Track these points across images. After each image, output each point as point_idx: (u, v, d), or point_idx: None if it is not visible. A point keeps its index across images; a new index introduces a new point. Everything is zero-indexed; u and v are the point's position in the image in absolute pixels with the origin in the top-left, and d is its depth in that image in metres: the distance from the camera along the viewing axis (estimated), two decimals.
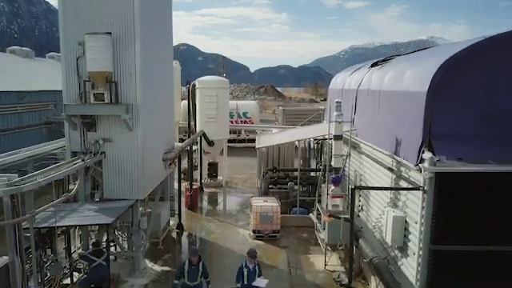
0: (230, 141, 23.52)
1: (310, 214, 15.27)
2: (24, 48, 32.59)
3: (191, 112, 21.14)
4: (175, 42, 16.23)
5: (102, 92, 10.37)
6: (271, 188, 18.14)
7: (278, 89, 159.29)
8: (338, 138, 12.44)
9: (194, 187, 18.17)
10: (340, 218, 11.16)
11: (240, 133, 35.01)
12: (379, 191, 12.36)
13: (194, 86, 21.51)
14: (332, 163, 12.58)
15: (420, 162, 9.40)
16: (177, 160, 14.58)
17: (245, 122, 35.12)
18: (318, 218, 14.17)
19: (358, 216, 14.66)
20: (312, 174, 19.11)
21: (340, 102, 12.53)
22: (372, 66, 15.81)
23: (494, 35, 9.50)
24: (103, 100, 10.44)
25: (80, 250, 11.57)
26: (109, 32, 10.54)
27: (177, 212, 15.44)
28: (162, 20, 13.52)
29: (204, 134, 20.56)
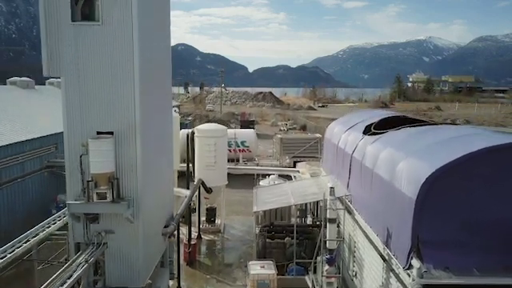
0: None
1: (306, 278, 15.74)
2: (24, 78, 33.33)
3: (190, 159, 21.63)
4: (173, 43, 16.57)
5: (105, 191, 10.77)
6: (268, 239, 18.63)
7: (277, 90, 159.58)
8: (332, 221, 12.86)
9: (192, 242, 18.59)
10: None
11: (238, 160, 35.38)
12: (372, 268, 12.87)
13: (193, 133, 21.97)
14: (327, 245, 13.02)
15: (409, 268, 9.91)
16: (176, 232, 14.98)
17: (243, 150, 35.49)
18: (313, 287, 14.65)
19: (352, 280, 15.16)
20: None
21: (333, 188, 12.96)
22: (365, 130, 16.22)
23: (484, 148, 9.85)
24: (105, 198, 10.84)
25: None
26: (111, 132, 10.96)
27: (176, 276, 15.87)
28: (164, 101, 13.91)
29: (203, 183, 20.99)
